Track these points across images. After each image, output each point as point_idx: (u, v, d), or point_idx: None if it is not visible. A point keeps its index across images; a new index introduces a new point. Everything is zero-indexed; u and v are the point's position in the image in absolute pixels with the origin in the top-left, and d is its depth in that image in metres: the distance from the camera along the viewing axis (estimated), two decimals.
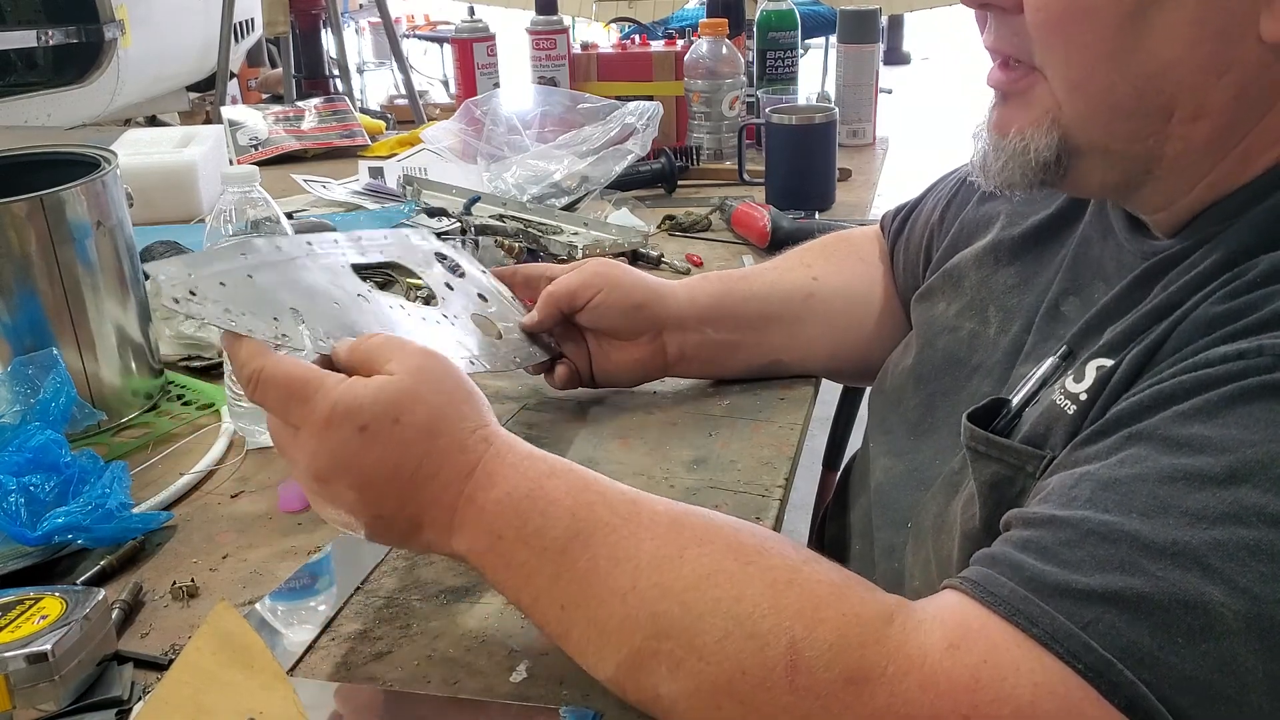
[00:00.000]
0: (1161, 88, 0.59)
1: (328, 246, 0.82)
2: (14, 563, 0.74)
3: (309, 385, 0.62)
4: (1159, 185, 0.63)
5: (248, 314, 0.68)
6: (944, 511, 0.73)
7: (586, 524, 0.59)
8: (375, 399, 0.61)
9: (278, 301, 0.71)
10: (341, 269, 0.80)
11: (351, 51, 5.15)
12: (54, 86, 2.97)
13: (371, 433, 0.61)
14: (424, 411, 0.62)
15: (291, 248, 0.78)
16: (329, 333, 0.71)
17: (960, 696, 0.49)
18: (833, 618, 0.53)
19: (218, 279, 0.70)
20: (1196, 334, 0.55)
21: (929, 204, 0.98)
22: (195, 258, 0.74)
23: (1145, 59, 0.58)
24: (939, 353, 0.84)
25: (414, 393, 0.62)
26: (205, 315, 0.67)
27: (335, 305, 0.75)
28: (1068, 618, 0.48)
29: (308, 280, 0.76)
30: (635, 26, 2.63)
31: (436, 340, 0.83)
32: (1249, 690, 0.46)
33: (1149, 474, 0.51)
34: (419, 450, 0.61)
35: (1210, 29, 0.57)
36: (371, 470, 0.61)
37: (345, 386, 0.62)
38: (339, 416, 0.61)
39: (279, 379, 0.63)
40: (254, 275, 0.72)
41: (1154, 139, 0.61)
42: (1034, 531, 0.53)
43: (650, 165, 1.61)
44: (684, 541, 0.58)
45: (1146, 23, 0.57)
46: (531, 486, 0.61)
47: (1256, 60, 0.57)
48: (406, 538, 0.64)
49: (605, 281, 0.93)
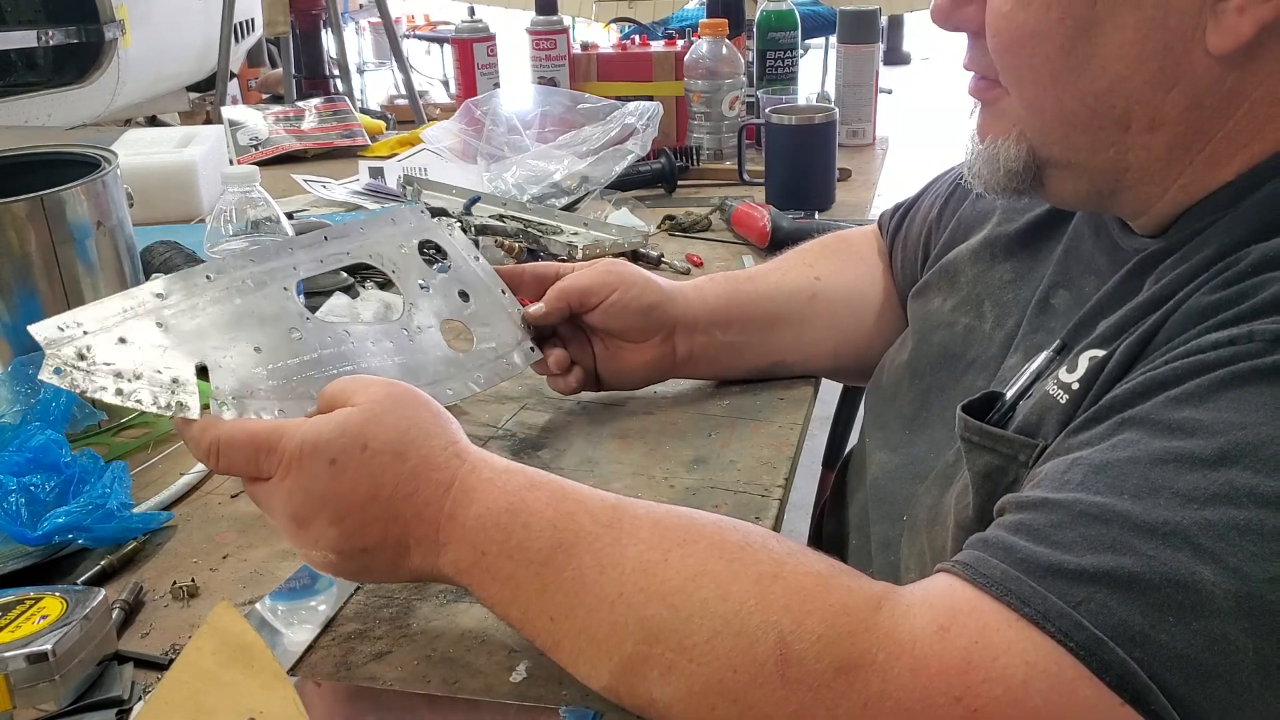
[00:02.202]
0: (1113, 102, 0.61)
1: (273, 261, 0.77)
2: (14, 563, 0.75)
3: (272, 434, 0.63)
4: (1131, 193, 0.65)
5: (143, 380, 0.66)
6: (938, 503, 0.73)
7: (569, 534, 0.59)
8: (341, 431, 0.62)
9: (192, 349, 0.68)
10: (284, 293, 0.76)
11: (351, 51, 5.15)
12: (54, 86, 2.97)
13: (341, 464, 0.61)
14: (391, 435, 0.62)
15: (228, 274, 0.74)
16: (246, 390, 0.69)
17: (952, 679, 0.49)
18: (820, 609, 0.53)
19: (116, 336, 0.67)
20: (1189, 323, 0.56)
21: (926, 201, 0.99)
22: (96, 308, 0.68)
23: (1094, 76, 0.61)
24: (935, 348, 0.85)
25: (379, 419, 0.62)
26: (92, 392, 0.65)
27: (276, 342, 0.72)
28: (1059, 597, 0.49)
29: (241, 314, 0.72)
30: (635, 27, 2.63)
31: (395, 373, 0.79)
32: (1239, 668, 0.47)
33: (1141, 457, 0.52)
34: (392, 473, 0.61)
35: (1153, 46, 0.59)
36: (348, 500, 0.61)
37: (309, 426, 0.62)
38: (307, 454, 0.61)
39: (240, 440, 0.64)
40: (164, 323, 0.69)
41: (1114, 149, 0.63)
42: (1026, 514, 0.53)
43: (650, 165, 1.61)
44: (668, 544, 0.58)
45: (1091, 43, 0.60)
46: (511, 500, 0.61)
47: (1206, 72, 0.59)
48: (395, 566, 0.64)
49: (620, 281, 0.92)
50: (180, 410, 0.67)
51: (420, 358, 0.83)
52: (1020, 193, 0.68)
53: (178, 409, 0.67)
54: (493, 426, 0.95)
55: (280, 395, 0.71)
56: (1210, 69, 0.58)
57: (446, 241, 0.91)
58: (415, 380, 0.80)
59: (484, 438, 0.93)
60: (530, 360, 0.91)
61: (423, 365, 0.83)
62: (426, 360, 0.83)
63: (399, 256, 0.87)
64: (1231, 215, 0.60)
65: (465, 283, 0.90)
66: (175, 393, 0.67)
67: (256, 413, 0.69)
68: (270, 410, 0.70)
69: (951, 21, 0.68)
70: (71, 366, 0.65)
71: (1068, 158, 0.65)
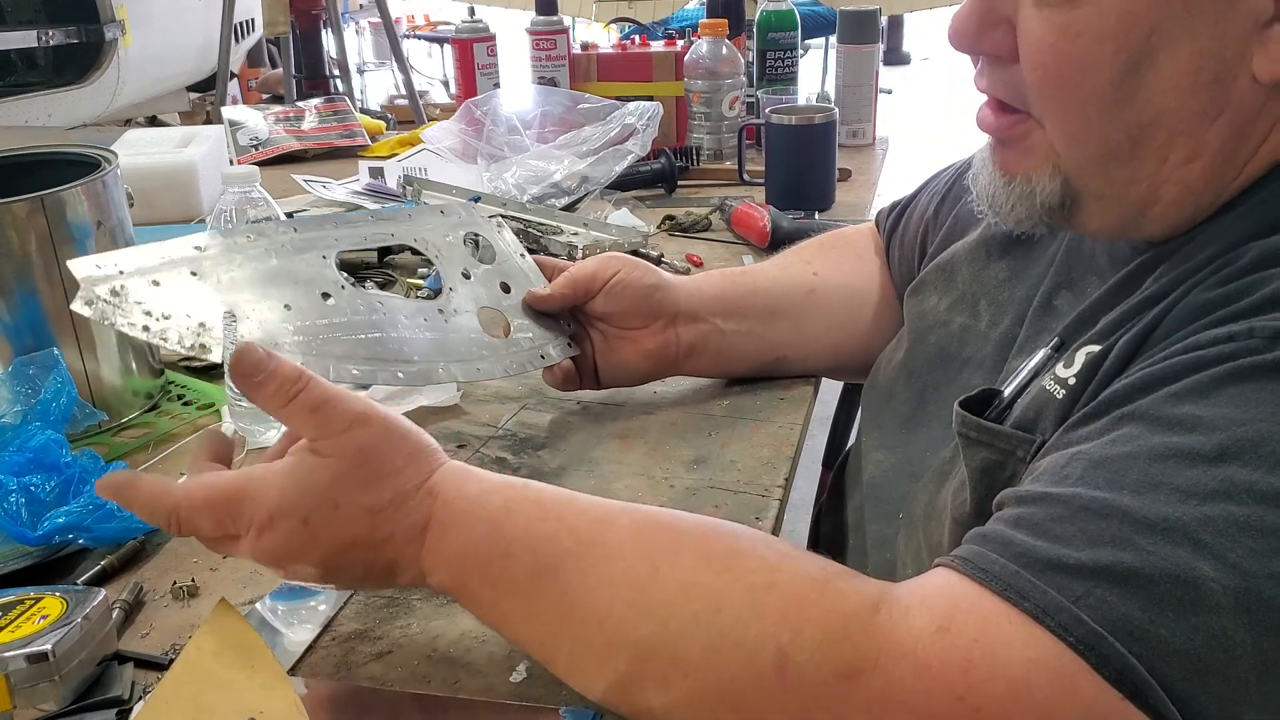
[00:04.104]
0: (1155, 134, 0.59)
1: (315, 231, 0.79)
2: (14, 563, 0.75)
3: (234, 497, 0.60)
4: (1155, 224, 0.63)
5: (171, 320, 0.67)
6: (934, 499, 0.73)
7: (551, 557, 0.59)
8: (308, 492, 0.60)
9: (223, 299, 0.69)
10: (323, 260, 0.77)
11: (352, 52, 5.15)
12: (54, 87, 2.97)
13: (315, 523, 0.60)
14: (359, 492, 0.60)
15: (269, 236, 0.76)
16: (270, 341, 0.68)
17: (954, 678, 0.49)
18: (817, 616, 0.53)
19: (150, 279, 0.68)
20: (1188, 319, 0.56)
21: (924, 199, 0.99)
22: (135, 252, 0.70)
23: (1141, 109, 0.59)
24: (931, 347, 0.85)
25: (346, 476, 0.60)
26: (120, 326, 0.65)
27: (307, 304, 0.73)
28: (1059, 592, 0.49)
29: (276, 273, 0.73)
30: (635, 27, 2.63)
31: (425, 346, 0.80)
32: (1238, 664, 0.47)
33: (1140, 452, 0.51)
34: (366, 524, 0.60)
35: (1205, 77, 0.57)
36: (327, 551, 0.60)
37: (273, 490, 0.60)
38: (278, 518, 0.60)
39: (200, 504, 0.61)
40: (199, 272, 0.70)
41: (1148, 183, 0.61)
42: (1026, 509, 0.53)
43: (650, 165, 1.61)
44: (654, 557, 0.57)
45: (1142, 75, 0.58)
46: (489, 529, 0.60)
47: (1250, 99, 0.58)
48: (384, 584, 0.64)
49: (623, 263, 0.93)
50: (202, 352, 0.68)
51: (453, 336, 0.84)
52: (1054, 226, 0.66)
53: (200, 350, 0.68)
54: (493, 426, 0.95)
55: (304, 350, 0.72)
56: (1255, 96, 0.58)
57: (495, 236, 0.94)
58: (444, 355, 0.81)
59: (484, 438, 0.93)
60: (566, 355, 0.92)
61: (454, 344, 0.83)
62: (459, 339, 0.84)
63: (444, 244, 0.90)
64: (1232, 214, 0.60)
65: (508, 276, 0.92)
66: (200, 335, 0.68)
67: None
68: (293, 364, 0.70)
69: (978, 47, 0.64)
70: (103, 301, 0.65)
71: (1102, 190, 0.63)
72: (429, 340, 0.81)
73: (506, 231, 0.95)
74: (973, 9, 0.63)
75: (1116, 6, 0.57)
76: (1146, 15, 0.57)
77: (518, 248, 0.95)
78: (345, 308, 0.77)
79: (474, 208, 0.93)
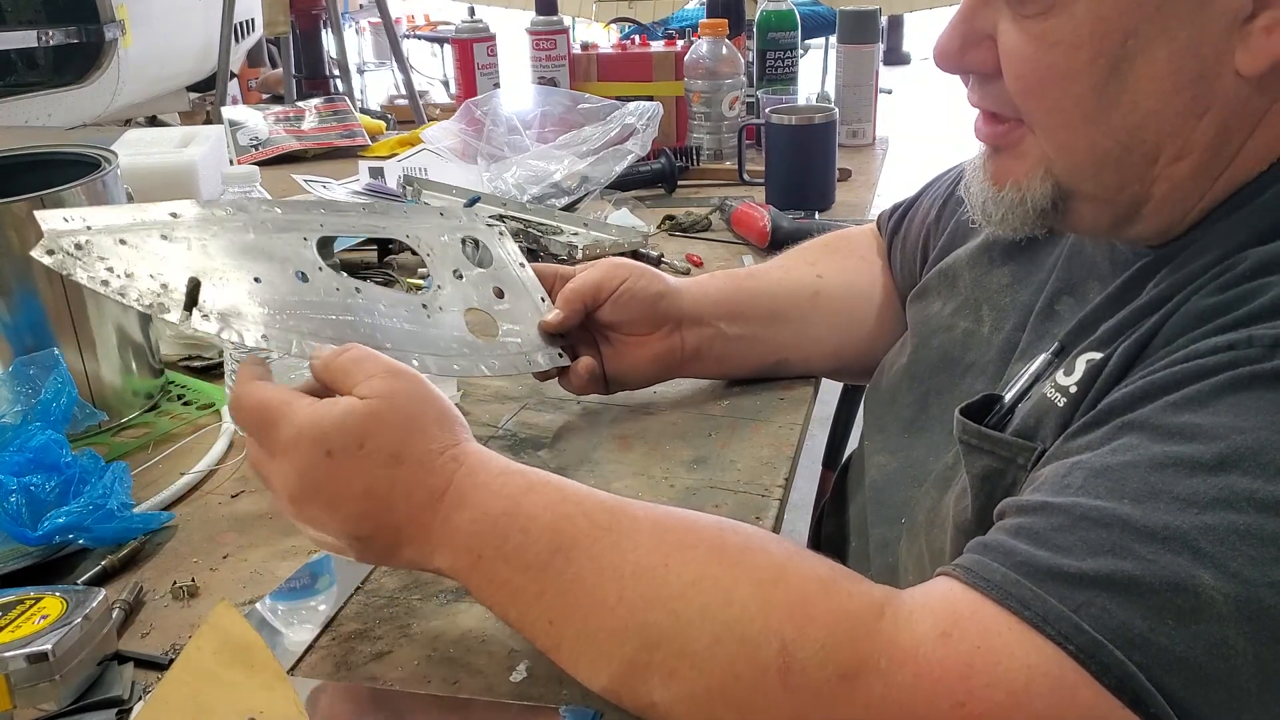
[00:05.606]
0: (1144, 136, 0.60)
1: (300, 214, 0.77)
2: (14, 563, 0.75)
3: (276, 410, 0.63)
4: (1148, 223, 0.64)
5: (134, 279, 0.66)
6: (937, 506, 0.73)
7: (567, 538, 0.59)
8: (340, 425, 0.61)
9: (190, 266, 0.68)
10: (303, 242, 0.76)
11: (352, 51, 5.15)
12: (54, 86, 2.97)
13: (337, 458, 0.61)
14: (389, 436, 0.61)
15: (249, 212, 0.75)
16: (233, 310, 0.68)
17: (954, 684, 0.49)
18: (822, 615, 0.53)
19: (118, 238, 0.67)
20: (1188, 326, 0.56)
21: (925, 203, 0.99)
22: (108, 210, 0.70)
23: (1126, 112, 0.59)
24: (934, 352, 0.85)
25: (379, 417, 0.62)
26: (79, 278, 0.65)
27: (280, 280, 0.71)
28: (1060, 601, 0.49)
29: (251, 248, 0.72)
30: (635, 27, 2.63)
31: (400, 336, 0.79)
32: (1238, 672, 0.47)
33: (1141, 461, 0.52)
34: (386, 474, 0.61)
35: (1187, 76, 0.58)
36: (341, 492, 0.61)
37: (310, 411, 0.62)
38: (305, 442, 0.61)
39: (251, 403, 0.64)
40: (169, 237, 0.69)
41: (1139, 184, 0.62)
42: (1026, 518, 0.53)
43: (650, 165, 1.62)
44: (668, 548, 0.58)
45: (1123, 79, 0.59)
46: (508, 504, 0.61)
47: (1234, 94, 0.58)
48: (388, 556, 0.64)
49: (629, 271, 0.93)
50: (160, 311, 0.67)
51: (432, 331, 0.82)
52: (1048, 229, 0.67)
53: (159, 310, 0.67)
54: (493, 426, 0.95)
55: (268, 323, 0.71)
56: (1239, 91, 0.58)
57: (495, 244, 0.93)
58: (420, 347, 0.80)
59: (484, 438, 0.93)
60: (554, 363, 0.90)
61: (432, 338, 0.82)
62: (438, 335, 0.83)
63: (437, 244, 0.89)
64: (1231, 220, 0.60)
65: (504, 284, 0.91)
66: (160, 296, 0.67)
67: (240, 331, 0.69)
68: (254, 334, 0.69)
69: (963, 66, 0.65)
70: (65, 253, 0.65)
71: (1096, 193, 0.63)
72: (405, 331, 0.80)
73: (508, 241, 0.95)
74: (955, 30, 0.64)
75: (1090, 14, 0.58)
76: (1120, 20, 0.57)
77: (518, 258, 0.94)
78: (319, 288, 0.75)
79: (477, 214, 0.93)
